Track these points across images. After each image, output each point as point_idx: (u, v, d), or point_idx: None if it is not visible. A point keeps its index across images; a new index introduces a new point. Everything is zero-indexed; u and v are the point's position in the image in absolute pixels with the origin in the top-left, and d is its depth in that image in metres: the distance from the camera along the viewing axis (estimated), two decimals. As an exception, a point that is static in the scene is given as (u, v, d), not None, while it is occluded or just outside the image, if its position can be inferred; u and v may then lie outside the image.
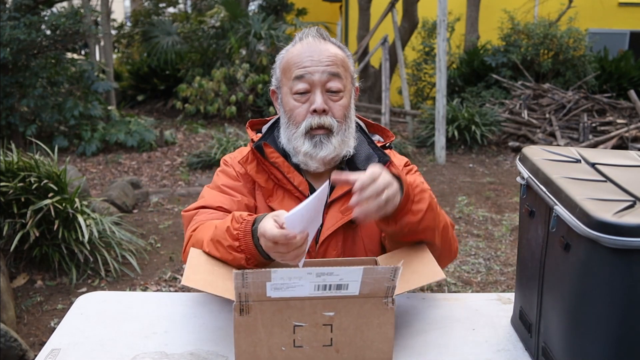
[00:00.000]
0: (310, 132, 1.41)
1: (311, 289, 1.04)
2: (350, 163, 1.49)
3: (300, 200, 1.43)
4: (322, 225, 1.44)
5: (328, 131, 1.41)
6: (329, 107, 1.41)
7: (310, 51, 1.41)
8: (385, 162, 1.47)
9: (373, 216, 1.19)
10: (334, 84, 1.41)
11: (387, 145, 1.56)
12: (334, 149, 1.41)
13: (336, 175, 1.18)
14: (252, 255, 1.22)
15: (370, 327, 1.10)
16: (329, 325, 1.08)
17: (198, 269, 1.20)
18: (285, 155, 1.48)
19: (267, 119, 1.59)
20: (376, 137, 1.59)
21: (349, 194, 1.44)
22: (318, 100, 1.39)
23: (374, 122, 1.61)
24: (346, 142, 1.44)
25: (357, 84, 1.52)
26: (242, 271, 1.00)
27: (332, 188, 1.46)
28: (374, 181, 1.16)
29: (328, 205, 1.44)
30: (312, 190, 1.46)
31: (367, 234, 1.44)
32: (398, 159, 1.56)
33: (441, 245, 1.37)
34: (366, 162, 1.48)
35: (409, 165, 1.58)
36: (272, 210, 1.44)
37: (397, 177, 1.24)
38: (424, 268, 1.24)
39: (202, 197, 1.50)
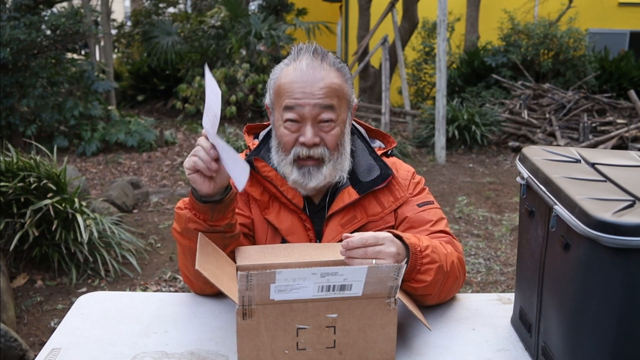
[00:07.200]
0: (298, 162, 1.38)
1: (315, 291, 1.04)
2: (351, 175, 1.45)
3: (296, 213, 1.42)
4: (321, 237, 1.44)
5: (319, 161, 1.38)
6: (321, 138, 1.36)
7: (303, 81, 1.34)
8: (388, 176, 1.44)
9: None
10: (326, 115, 1.35)
11: (388, 152, 1.51)
12: (324, 179, 1.38)
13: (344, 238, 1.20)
14: (192, 205, 1.27)
15: (373, 328, 1.10)
16: (332, 327, 1.08)
17: (208, 258, 1.19)
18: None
19: (265, 123, 1.55)
20: (377, 144, 1.53)
21: (348, 207, 1.42)
22: (308, 135, 1.34)
23: (374, 128, 1.56)
24: (339, 168, 1.40)
25: (355, 102, 1.45)
26: (247, 273, 0.99)
27: (331, 201, 1.45)
28: (369, 245, 1.17)
29: (328, 218, 1.43)
30: (307, 202, 1.45)
31: None
32: (404, 170, 1.51)
33: (442, 299, 1.37)
34: (367, 173, 1.45)
35: (415, 177, 1.51)
36: (269, 223, 1.43)
37: (406, 244, 1.23)
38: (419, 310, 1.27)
39: None
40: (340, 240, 1.37)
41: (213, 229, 1.26)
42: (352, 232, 1.36)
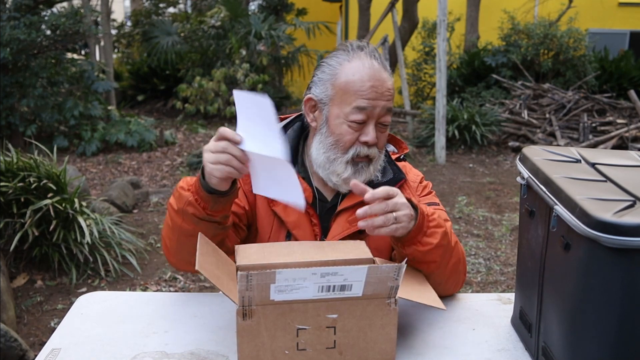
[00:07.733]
0: (354, 160, 1.40)
1: (315, 291, 1.04)
2: None
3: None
4: (327, 233, 1.44)
5: (370, 160, 1.41)
6: (377, 139, 1.40)
7: (374, 80, 1.35)
8: (400, 179, 1.47)
9: (381, 232, 1.20)
10: (387, 119, 1.39)
11: (400, 157, 1.54)
12: (370, 176, 1.41)
13: (355, 184, 1.22)
14: (196, 190, 1.26)
15: (373, 329, 1.10)
16: (332, 328, 1.08)
17: (208, 258, 1.19)
18: (293, 160, 1.45)
19: (281, 116, 1.53)
20: (390, 148, 1.57)
21: (358, 205, 1.43)
22: (371, 134, 1.36)
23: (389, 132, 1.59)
24: (378, 168, 1.44)
25: None
26: (247, 273, 0.99)
27: (342, 197, 1.45)
28: (388, 198, 1.19)
29: (336, 214, 1.43)
30: (318, 196, 1.45)
31: (375, 246, 1.39)
32: (413, 174, 1.54)
33: (446, 280, 1.37)
34: (381, 175, 1.47)
35: (423, 182, 1.55)
36: (276, 215, 1.43)
37: (414, 206, 1.25)
38: (429, 293, 1.25)
39: None
40: (342, 239, 1.39)
41: (209, 217, 1.28)
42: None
